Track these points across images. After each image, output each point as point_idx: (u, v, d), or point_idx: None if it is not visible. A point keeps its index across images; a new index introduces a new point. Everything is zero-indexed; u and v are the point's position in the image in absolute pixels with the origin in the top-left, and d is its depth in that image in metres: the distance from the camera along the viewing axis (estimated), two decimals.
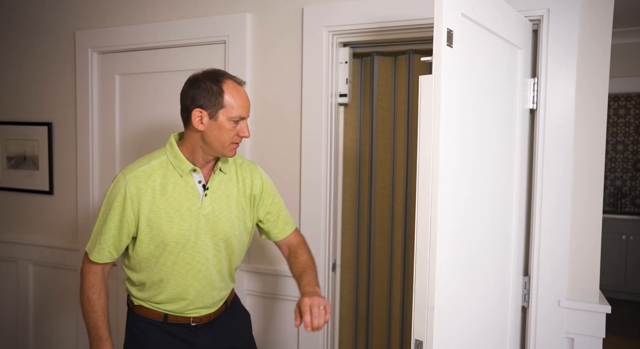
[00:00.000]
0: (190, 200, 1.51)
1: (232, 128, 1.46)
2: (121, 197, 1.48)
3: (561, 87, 1.68)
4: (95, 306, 1.51)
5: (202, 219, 1.52)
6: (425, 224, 1.22)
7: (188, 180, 1.52)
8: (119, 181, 1.50)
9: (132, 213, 1.48)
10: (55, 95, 2.57)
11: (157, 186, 1.49)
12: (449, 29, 1.20)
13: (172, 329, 1.57)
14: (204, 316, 1.60)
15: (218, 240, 1.55)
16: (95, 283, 1.52)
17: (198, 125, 1.45)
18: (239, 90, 1.47)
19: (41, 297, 2.68)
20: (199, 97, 1.44)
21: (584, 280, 1.69)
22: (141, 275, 1.55)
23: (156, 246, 1.50)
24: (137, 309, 1.60)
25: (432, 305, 1.22)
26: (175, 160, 1.51)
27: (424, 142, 1.22)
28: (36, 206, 2.67)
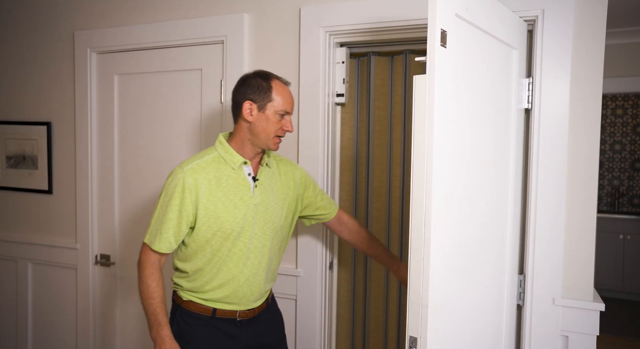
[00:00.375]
0: (242, 190, 1.63)
1: (278, 121, 1.61)
2: (180, 188, 1.57)
3: (556, 86, 1.70)
4: (153, 293, 1.59)
5: (253, 208, 1.64)
6: (420, 222, 1.23)
7: (239, 173, 1.64)
8: (177, 174, 1.59)
9: (191, 204, 1.58)
10: (54, 95, 2.59)
11: (212, 178, 1.61)
12: (442, 30, 1.21)
13: (218, 324, 1.66)
14: (249, 311, 1.69)
15: (267, 229, 1.68)
16: (154, 271, 1.61)
17: (248, 116, 1.60)
18: (285, 88, 1.64)
19: (40, 296, 2.69)
20: (250, 92, 1.60)
21: (578, 278, 1.71)
22: (196, 263, 1.63)
23: (213, 234, 1.60)
24: (185, 305, 1.67)
25: (426, 303, 1.23)
26: (227, 154, 1.64)
27: (418, 142, 1.23)
28: (35, 206, 2.68)
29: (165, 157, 2.35)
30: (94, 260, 2.52)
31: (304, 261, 2.07)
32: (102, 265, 2.52)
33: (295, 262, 2.10)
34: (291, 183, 1.76)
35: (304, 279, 2.07)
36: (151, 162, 2.38)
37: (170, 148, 2.34)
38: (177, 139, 2.32)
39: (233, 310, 1.66)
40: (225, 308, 1.65)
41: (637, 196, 5.31)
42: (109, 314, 2.52)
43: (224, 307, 1.65)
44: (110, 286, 2.51)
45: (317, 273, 2.06)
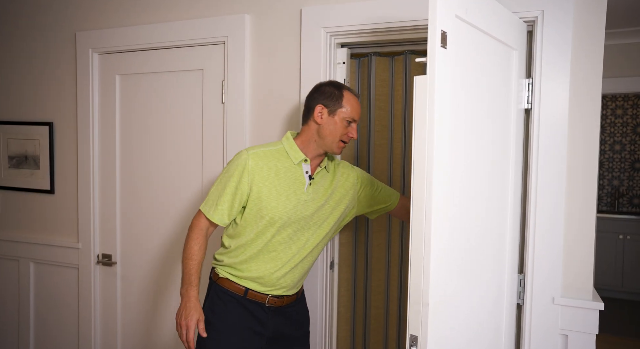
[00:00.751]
0: (296, 185, 1.73)
1: (344, 127, 1.72)
2: (241, 168, 1.69)
3: (555, 87, 1.71)
4: (194, 255, 1.71)
5: (303, 204, 1.73)
6: (420, 222, 1.24)
7: (298, 169, 1.74)
8: (242, 155, 1.71)
9: (247, 184, 1.69)
10: (56, 95, 2.60)
11: (272, 167, 1.72)
12: (442, 31, 1.23)
13: (248, 305, 1.74)
14: (278, 299, 1.77)
15: (312, 225, 1.76)
16: (200, 237, 1.73)
17: (318, 118, 1.72)
18: (355, 98, 1.75)
19: (42, 295, 2.71)
20: (322, 98, 1.73)
21: (578, 277, 1.72)
22: (241, 240, 1.73)
23: (261, 217, 1.70)
24: (220, 282, 1.76)
25: (426, 301, 1.24)
26: (290, 149, 1.75)
27: (418, 142, 1.24)
28: (37, 205, 2.69)
29: (167, 156, 2.36)
30: (95, 260, 2.54)
31: None
32: (103, 265, 2.53)
33: None
34: (347, 184, 1.84)
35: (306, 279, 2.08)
36: (153, 161, 2.40)
37: (171, 147, 2.35)
38: (179, 139, 2.33)
39: (264, 294, 1.74)
40: (256, 290, 1.73)
41: (637, 197, 5.32)
42: (111, 314, 2.53)
43: (255, 288, 1.73)
44: (112, 285, 2.52)
45: (317, 272, 2.07)
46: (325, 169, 1.80)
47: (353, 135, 1.74)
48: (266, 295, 1.74)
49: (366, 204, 1.90)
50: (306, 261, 1.79)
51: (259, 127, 2.16)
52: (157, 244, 2.42)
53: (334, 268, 2.17)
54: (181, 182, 2.34)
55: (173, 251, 2.39)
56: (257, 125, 2.16)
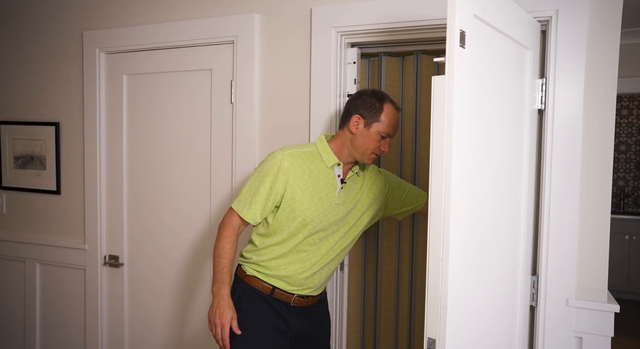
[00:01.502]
0: (329, 188, 1.74)
1: (378, 140, 1.71)
2: (276, 168, 1.69)
3: (569, 87, 1.69)
4: (226, 253, 1.71)
5: (335, 207, 1.74)
6: (438, 223, 1.23)
7: (330, 172, 1.75)
8: (277, 155, 1.72)
9: (281, 185, 1.69)
10: (62, 95, 2.59)
11: (306, 169, 1.72)
12: (461, 30, 1.21)
13: (274, 304, 1.75)
14: (303, 299, 1.78)
15: (342, 229, 1.77)
16: (232, 235, 1.73)
17: (353, 128, 1.72)
18: (395, 113, 1.74)
19: (48, 297, 2.69)
20: (362, 107, 1.72)
21: (592, 279, 1.70)
22: (272, 240, 1.74)
23: (293, 218, 1.71)
24: (247, 279, 1.77)
25: (445, 304, 1.22)
26: (324, 152, 1.76)
27: (436, 143, 1.23)
28: (43, 206, 2.68)
29: (175, 156, 2.35)
30: (102, 261, 2.52)
31: None
32: (110, 266, 2.51)
33: None
34: (376, 189, 1.84)
35: None
36: (160, 161, 2.38)
37: (179, 147, 2.34)
38: (186, 139, 2.32)
39: (290, 293, 1.75)
40: (283, 289, 1.74)
41: None
42: (118, 316, 2.52)
43: (283, 287, 1.74)
44: (119, 287, 2.50)
45: None
46: (356, 174, 1.81)
47: (385, 149, 1.74)
48: (292, 295, 1.76)
49: (393, 207, 1.92)
50: (333, 264, 1.81)
51: (268, 128, 2.14)
52: (164, 245, 2.40)
53: (344, 269, 2.15)
54: (189, 182, 2.32)
55: (181, 252, 2.37)
56: (266, 126, 2.14)
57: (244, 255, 1.81)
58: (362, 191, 1.82)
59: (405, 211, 1.94)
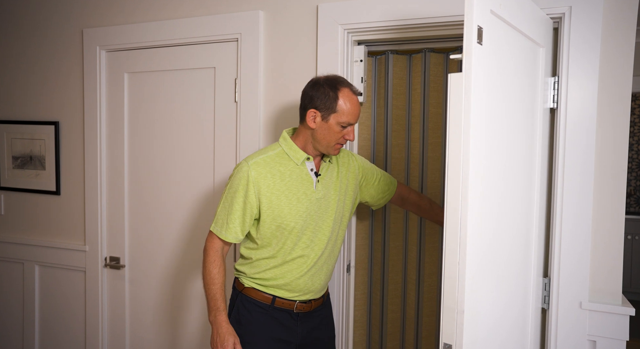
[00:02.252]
0: (305, 185, 1.67)
1: (339, 131, 1.62)
2: (244, 181, 1.63)
3: (583, 85, 1.66)
4: (215, 279, 1.66)
5: (316, 203, 1.68)
6: (455, 226, 1.19)
7: (302, 168, 1.69)
8: (242, 167, 1.66)
9: (254, 196, 1.63)
10: (62, 94, 2.54)
11: (276, 173, 1.66)
12: (479, 26, 1.17)
13: (275, 314, 1.70)
14: (306, 304, 1.73)
15: (329, 222, 1.71)
16: (217, 259, 1.68)
17: (311, 123, 1.64)
18: (352, 99, 1.62)
19: (48, 299, 2.64)
20: (316, 99, 1.62)
21: (606, 281, 1.67)
22: (262, 253, 1.69)
23: (277, 226, 1.65)
24: (246, 291, 1.72)
25: (462, 308, 1.19)
26: (290, 150, 1.69)
27: (453, 142, 1.19)
28: (42, 207, 2.63)
29: (178, 156, 2.31)
30: (103, 263, 2.47)
31: None
32: (111, 268, 2.47)
33: None
34: (350, 175, 1.79)
35: None
36: (163, 161, 2.34)
37: (182, 147, 2.29)
38: (189, 139, 2.28)
39: (292, 300, 1.71)
40: (284, 297, 1.70)
41: None
42: (119, 319, 2.47)
43: (283, 295, 1.70)
44: (120, 289, 2.46)
45: (334, 276, 2.01)
46: (329, 162, 1.74)
47: (350, 137, 1.65)
48: (294, 301, 1.71)
49: (367, 193, 1.86)
50: (331, 260, 1.76)
51: (273, 127, 2.10)
52: (167, 246, 2.36)
53: (351, 271, 2.12)
54: (192, 183, 2.28)
55: (184, 254, 2.33)
56: (271, 125, 2.10)
57: (238, 269, 1.75)
58: (339, 178, 1.75)
59: (378, 198, 1.88)
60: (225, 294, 1.69)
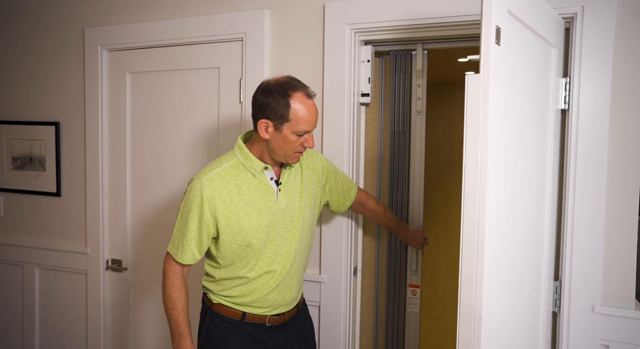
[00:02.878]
0: (265, 196, 1.57)
1: (296, 140, 1.50)
2: (198, 200, 1.53)
3: (595, 86, 1.64)
4: (176, 303, 1.58)
5: (279, 213, 1.58)
6: (472, 229, 1.17)
7: (261, 179, 1.58)
8: (195, 184, 1.55)
9: (210, 214, 1.53)
10: (63, 94, 2.50)
11: (233, 187, 1.55)
12: (497, 26, 1.15)
13: (247, 329, 1.62)
14: (279, 317, 1.65)
15: (296, 232, 1.62)
16: (176, 281, 1.59)
17: (263, 134, 1.51)
18: (307, 104, 1.49)
19: (48, 302, 2.60)
20: (266, 108, 1.48)
21: (620, 285, 1.65)
22: (224, 272, 1.61)
23: (238, 244, 1.56)
24: (215, 308, 1.64)
25: (479, 314, 1.16)
26: (246, 160, 1.57)
27: (470, 145, 1.16)
28: (43, 209, 2.59)
29: (181, 158, 2.27)
30: (105, 265, 2.44)
31: (328, 266, 2.00)
32: (113, 271, 2.43)
33: (318, 268, 2.03)
34: (314, 177, 1.70)
35: (327, 285, 2.00)
36: (166, 163, 2.30)
37: (186, 149, 2.26)
38: (193, 140, 2.24)
39: (263, 315, 1.63)
40: (254, 313, 1.62)
41: None
42: (121, 322, 2.44)
43: (253, 311, 1.62)
44: (122, 292, 2.42)
45: (341, 279, 1.99)
46: (290, 166, 1.62)
47: (309, 144, 1.52)
48: (265, 316, 1.63)
49: (329, 196, 1.76)
50: (299, 269, 1.68)
51: None
52: None
53: (358, 274, 2.09)
54: None
55: None
56: None
57: (205, 285, 1.67)
58: (303, 182, 1.64)
59: (339, 203, 1.80)
60: (188, 318, 1.61)
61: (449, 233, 3.69)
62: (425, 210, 2.14)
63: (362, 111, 2.06)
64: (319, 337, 2.03)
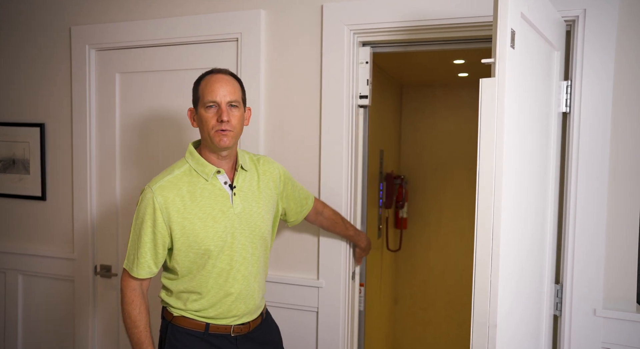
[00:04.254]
0: (220, 201, 1.53)
1: (211, 116, 1.49)
2: (151, 209, 1.48)
3: (597, 89, 1.63)
4: (136, 322, 1.51)
5: (236, 218, 1.54)
6: (487, 236, 1.15)
7: (214, 183, 1.54)
8: (146, 194, 1.50)
9: (164, 224, 1.49)
10: (48, 95, 2.41)
11: (185, 194, 1.51)
12: (512, 30, 1.13)
13: (212, 341, 1.56)
14: (244, 326, 1.60)
15: (254, 237, 1.58)
16: (135, 298, 1.53)
17: (193, 123, 1.58)
18: (211, 78, 1.51)
19: (32, 310, 2.51)
20: (192, 99, 1.57)
21: (621, 288, 1.65)
22: (182, 283, 1.55)
23: (195, 253, 1.51)
24: (176, 321, 1.57)
25: (494, 322, 1.14)
26: (198, 165, 1.54)
27: (485, 149, 1.14)
28: (27, 213, 2.50)
29: (173, 160, 2.20)
30: (93, 271, 2.36)
31: (326, 271, 1.97)
32: (102, 276, 2.35)
33: (316, 273, 1.99)
34: (271, 184, 1.66)
35: (326, 290, 1.97)
36: (157, 166, 2.23)
37: (177, 151, 2.20)
38: (185, 142, 2.18)
39: (227, 325, 1.58)
40: (218, 324, 1.57)
41: None
42: (111, 330, 2.36)
43: (217, 322, 1.57)
44: (112, 299, 2.35)
45: (340, 283, 1.96)
46: (242, 169, 1.59)
47: (225, 118, 1.46)
48: (230, 326, 1.57)
49: (287, 205, 1.74)
50: (261, 276, 1.64)
51: (275, 131, 2.03)
52: None
53: (356, 278, 2.06)
54: None
55: None
56: (273, 129, 2.03)
57: (163, 299, 1.60)
58: (260, 187, 1.61)
59: (296, 212, 1.77)
60: (151, 335, 1.54)
61: (440, 235, 3.69)
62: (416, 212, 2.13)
63: (360, 113, 2.03)
64: (316, 344, 1.99)
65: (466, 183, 3.69)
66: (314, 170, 1.97)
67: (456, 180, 3.73)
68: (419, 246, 3.68)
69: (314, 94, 1.96)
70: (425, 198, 3.74)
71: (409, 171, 3.78)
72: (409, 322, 3.71)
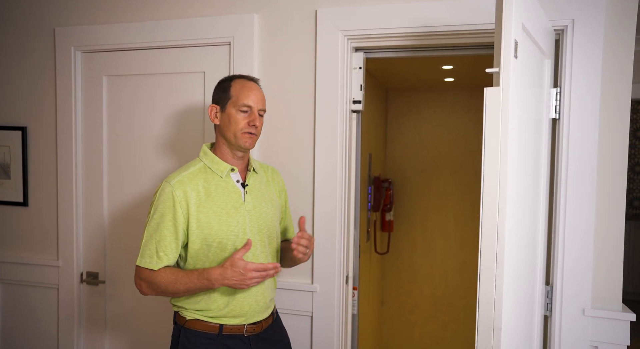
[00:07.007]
0: (233, 198, 1.59)
1: (242, 118, 1.56)
2: (170, 203, 1.53)
3: (585, 96, 1.69)
4: (170, 281, 1.51)
5: (247, 215, 1.60)
6: (491, 241, 1.17)
7: (228, 181, 1.61)
8: (165, 188, 1.55)
9: (183, 217, 1.53)
10: (30, 97, 2.34)
11: (201, 189, 1.56)
12: (515, 40, 1.16)
13: (226, 342, 1.59)
14: (256, 325, 1.63)
15: (263, 236, 1.63)
16: (152, 277, 1.54)
17: (214, 120, 1.61)
18: (247, 84, 1.60)
19: (13, 320, 2.43)
20: (214, 96, 1.63)
21: (607, 287, 1.71)
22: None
23: (208, 245, 1.55)
24: (189, 324, 1.59)
25: (499, 325, 1.17)
26: (213, 163, 1.61)
27: (489, 157, 1.17)
28: (8, 219, 2.42)
29: (162, 165, 2.18)
30: (79, 279, 2.30)
31: (320, 276, 1.97)
32: (88, 284, 2.30)
33: (310, 277, 2.00)
34: (278, 193, 1.76)
35: (320, 295, 1.98)
36: (146, 170, 2.20)
37: (167, 156, 2.17)
38: (176, 147, 2.16)
39: (240, 325, 1.60)
40: (231, 323, 1.59)
41: (637, 199, 5.60)
42: (98, 339, 2.31)
43: (230, 322, 1.59)
44: (99, 306, 2.30)
45: (334, 288, 1.97)
46: (253, 171, 1.68)
47: (256, 123, 1.56)
48: (243, 325, 1.60)
49: (281, 218, 1.81)
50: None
51: (268, 136, 2.02)
52: None
53: (349, 282, 2.07)
54: None
55: None
56: (266, 134, 2.02)
57: (175, 303, 1.62)
58: (270, 189, 1.71)
59: (283, 227, 1.84)
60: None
61: (425, 237, 3.73)
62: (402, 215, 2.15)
63: (353, 118, 2.04)
64: (311, 347, 2.00)
65: (451, 186, 3.75)
66: (308, 174, 1.98)
67: (441, 183, 3.79)
68: (404, 248, 3.73)
69: (308, 99, 1.97)
70: (410, 201, 3.78)
71: (394, 174, 3.82)
72: (395, 323, 3.75)
